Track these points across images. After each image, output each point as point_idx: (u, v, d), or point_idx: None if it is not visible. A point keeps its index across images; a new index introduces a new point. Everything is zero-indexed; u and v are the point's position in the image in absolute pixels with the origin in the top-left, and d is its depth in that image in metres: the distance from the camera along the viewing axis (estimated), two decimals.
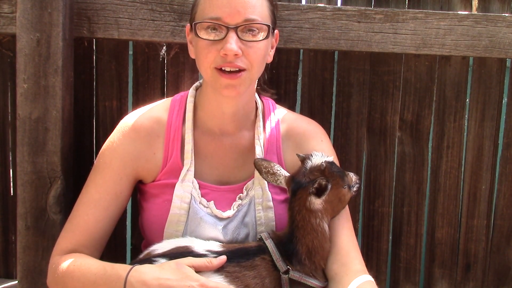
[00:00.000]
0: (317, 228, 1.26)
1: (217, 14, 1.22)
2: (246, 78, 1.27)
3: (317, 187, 1.22)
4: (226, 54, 1.22)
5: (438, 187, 1.78)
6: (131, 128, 1.35)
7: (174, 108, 1.39)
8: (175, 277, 1.14)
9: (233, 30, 1.22)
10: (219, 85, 1.26)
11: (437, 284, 1.83)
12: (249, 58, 1.25)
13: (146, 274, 1.16)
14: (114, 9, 1.58)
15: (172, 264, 1.17)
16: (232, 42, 1.21)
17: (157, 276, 1.15)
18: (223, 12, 1.22)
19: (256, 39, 1.25)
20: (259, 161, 1.33)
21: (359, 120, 1.73)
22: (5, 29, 1.58)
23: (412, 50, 1.64)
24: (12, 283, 1.72)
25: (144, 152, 1.34)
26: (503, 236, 1.81)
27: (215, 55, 1.24)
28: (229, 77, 1.24)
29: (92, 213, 1.31)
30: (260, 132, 1.40)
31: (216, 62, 1.24)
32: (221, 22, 1.22)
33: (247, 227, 1.35)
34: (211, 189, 1.37)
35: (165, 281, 1.13)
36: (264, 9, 1.28)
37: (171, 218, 1.33)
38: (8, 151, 1.73)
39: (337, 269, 1.28)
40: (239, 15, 1.22)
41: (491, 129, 1.75)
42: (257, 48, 1.26)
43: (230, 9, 1.22)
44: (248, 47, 1.24)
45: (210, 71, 1.26)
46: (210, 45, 1.24)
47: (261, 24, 1.25)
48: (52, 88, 1.49)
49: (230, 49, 1.21)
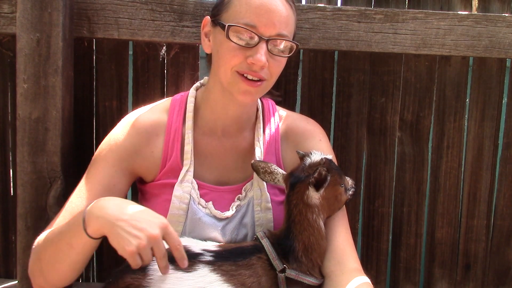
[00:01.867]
0: (313, 224, 1.26)
1: (254, 22, 1.22)
2: (263, 87, 1.29)
3: (317, 176, 1.23)
4: (254, 64, 1.22)
5: (438, 187, 1.78)
6: (131, 125, 1.35)
7: (174, 108, 1.39)
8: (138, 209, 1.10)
9: (265, 41, 1.22)
10: (237, 89, 1.26)
11: (437, 284, 1.83)
12: (271, 70, 1.26)
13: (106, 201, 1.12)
14: (114, 9, 1.58)
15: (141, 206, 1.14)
16: (262, 53, 1.22)
17: (118, 203, 1.12)
18: (260, 21, 1.21)
19: (282, 54, 1.27)
20: (256, 162, 1.34)
21: (359, 120, 1.73)
22: (5, 29, 1.58)
23: (412, 50, 1.64)
24: (12, 283, 1.72)
25: (141, 149, 1.34)
26: (503, 236, 1.81)
27: (241, 60, 1.23)
28: (250, 84, 1.25)
29: (79, 201, 1.28)
30: (260, 134, 1.40)
31: (240, 67, 1.24)
32: (256, 31, 1.22)
33: (246, 228, 1.36)
34: (210, 189, 1.37)
35: (126, 208, 1.09)
36: (293, 26, 1.30)
37: (170, 218, 1.33)
38: (8, 151, 1.73)
39: (332, 267, 1.29)
40: (274, 28, 1.22)
41: (491, 129, 1.75)
42: (280, 62, 1.28)
43: (267, 20, 1.22)
44: (273, 60, 1.25)
45: (231, 73, 1.25)
46: (238, 49, 1.23)
47: (291, 42, 1.27)
48: (52, 88, 1.49)
49: (259, 60, 1.21)
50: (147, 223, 1.06)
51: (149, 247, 1.05)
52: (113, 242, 1.07)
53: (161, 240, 1.06)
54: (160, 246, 1.06)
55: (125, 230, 1.05)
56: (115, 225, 1.06)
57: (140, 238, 1.04)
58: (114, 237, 1.06)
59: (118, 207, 1.09)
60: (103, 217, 1.08)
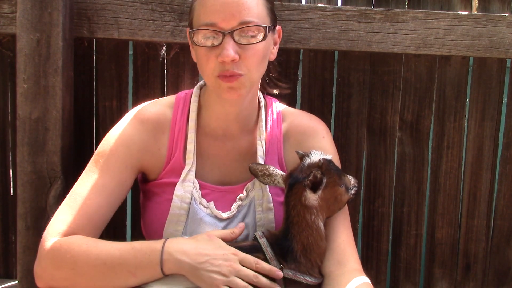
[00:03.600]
0: (312, 225, 1.26)
1: (212, 20, 1.21)
2: (246, 81, 1.26)
3: (312, 179, 1.23)
4: (224, 61, 1.21)
5: (438, 187, 1.78)
6: (138, 120, 1.34)
7: (178, 106, 1.39)
8: (210, 247, 1.19)
9: (229, 35, 1.20)
10: (221, 90, 1.26)
11: (437, 284, 1.83)
12: (246, 61, 1.23)
13: (183, 243, 1.19)
14: (114, 9, 1.58)
15: (205, 236, 1.22)
16: (228, 48, 1.20)
17: (194, 245, 1.19)
18: (218, 17, 1.20)
19: (253, 41, 1.23)
20: (254, 165, 1.33)
21: (359, 120, 1.73)
22: (5, 29, 1.58)
23: (412, 50, 1.64)
24: (12, 283, 1.72)
25: (150, 146, 1.34)
26: (503, 236, 1.81)
27: (214, 62, 1.23)
28: (228, 80, 1.24)
29: (94, 198, 1.26)
30: (262, 133, 1.40)
31: (217, 70, 1.23)
32: (216, 28, 1.21)
33: (247, 228, 1.35)
34: (212, 189, 1.37)
35: (202, 250, 1.18)
36: (260, 9, 1.25)
37: (171, 217, 1.33)
38: (8, 151, 1.73)
39: (332, 266, 1.29)
40: (234, 18, 1.20)
41: (491, 129, 1.75)
42: (256, 50, 1.24)
43: (224, 13, 1.20)
44: (245, 50, 1.22)
45: (213, 78, 1.25)
46: (209, 51, 1.23)
47: (257, 25, 1.23)
48: (52, 88, 1.49)
49: (227, 55, 1.19)
50: (222, 258, 1.18)
51: (232, 277, 1.16)
52: (200, 283, 1.17)
53: (239, 266, 1.18)
54: (242, 272, 1.17)
55: (207, 270, 1.16)
56: (198, 269, 1.16)
57: (222, 273, 1.16)
58: (199, 279, 1.17)
59: (196, 250, 1.18)
60: (185, 262, 1.17)
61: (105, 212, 1.28)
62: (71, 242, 1.20)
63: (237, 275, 1.16)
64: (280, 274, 1.20)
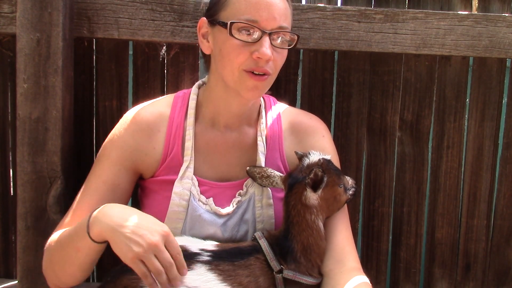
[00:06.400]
0: (312, 225, 1.26)
1: (255, 17, 1.22)
2: (269, 82, 1.30)
3: (313, 177, 1.23)
4: (260, 58, 1.23)
5: (438, 187, 1.78)
6: (132, 121, 1.35)
7: (177, 104, 1.39)
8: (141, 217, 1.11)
9: (268, 35, 1.23)
10: (245, 87, 1.27)
11: (437, 284, 1.83)
12: (275, 63, 1.28)
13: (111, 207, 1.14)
14: (114, 9, 1.58)
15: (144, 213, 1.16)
16: (267, 46, 1.23)
17: (122, 210, 1.13)
18: (261, 16, 1.22)
19: (285, 46, 1.29)
20: (251, 168, 1.34)
21: (359, 120, 1.73)
22: (5, 29, 1.58)
23: (412, 50, 1.64)
24: (12, 283, 1.72)
25: (144, 146, 1.34)
26: (503, 236, 1.81)
27: (246, 56, 1.24)
28: (257, 79, 1.26)
29: (87, 201, 1.29)
30: (263, 129, 1.40)
31: (246, 64, 1.24)
32: (258, 25, 1.23)
33: (247, 224, 1.35)
34: (211, 186, 1.37)
35: (129, 216, 1.10)
36: (291, 18, 1.31)
37: (170, 215, 1.33)
38: (8, 151, 1.73)
39: (331, 265, 1.29)
40: (275, 21, 1.24)
41: (491, 129, 1.75)
42: (283, 54, 1.30)
43: (268, 14, 1.23)
44: (276, 53, 1.27)
45: (238, 72, 1.26)
46: (243, 46, 1.24)
47: (291, 33, 1.28)
48: (52, 88, 1.49)
49: (265, 53, 1.22)
50: (148, 230, 1.07)
51: (150, 254, 1.05)
52: (115, 249, 1.08)
53: (162, 247, 1.07)
54: (163, 254, 1.07)
55: (126, 237, 1.06)
56: (116, 231, 1.07)
57: (140, 244, 1.05)
58: (116, 244, 1.08)
59: (121, 214, 1.11)
60: (105, 223, 1.10)
61: None
62: (52, 238, 1.26)
63: (155, 254, 1.06)
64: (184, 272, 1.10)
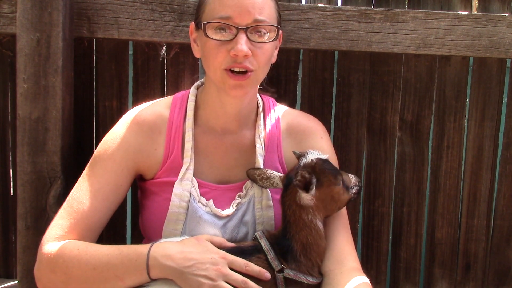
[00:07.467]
0: (310, 224, 1.26)
1: (228, 14, 1.22)
2: (253, 79, 1.28)
3: (299, 179, 1.23)
4: (237, 55, 1.22)
5: (438, 187, 1.78)
6: (134, 122, 1.35)
7: (175, 105, 1.39)
8: (197, 250, 1.19)
9: (243, 30, 1.22)
10: (227, 86, 1.26)
11: (437, 284, 1.83)
12: (257, 59, 1.26)
13: (169, 248, 1.19)
14: (114, 9, 1.58)
15: (193, 240, 1.22)
16: (242, 43, 1.21)
17: (180, 249, 1.18)
18: (234, 12, 1.22)
19: (264, 40, 1.26)
20: (251, 171, 1.34)
21: (359, 120, 1.73)
22: (5, 29, 1.58)
23: (412, 50, 1.64)
24: (12, 283, 1.72)
25: (146, 147, 1.34)
26: (503, 236, 1.81)
27: (224, 55, 1.24)
28: (237, 78, 1.25)
29: (90, 202, 1.28)
30: (261, 131, 1.40)
31: (225, 63, 1.24)
32: (231, 22, 1.22)
33: (247, 226, 1.36)
34: (211, 188, 1.37)
35: (188, 254, 1.17)
36: (271, 10, 1.28)
37: (170, 216, 1.33)
38: (8, 151, 1.73)
39: (331, 265, 1.29)
40: (249, 15, 1.22)
41: (491, 129, 1.75)
42: (265, 49, 1.27)
43: (240, 9, 1.22)
44: (256, 48, 1.25)
45: (220, 72, 1.26)
46: (220, 45, 1.24)
47: (270, 25, 1.26)
48: (52, 88, 1.49)
49: (241, 49, 1.21)
50: (209, 262, 1.17)
51: (220, 280, 1.15)
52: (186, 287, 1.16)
53: (227, 271, 1.17)
54: (231, 276, 1.17)
55: (194, 274, 1.15)
56: (183, 273, 1.16)
57: (208, 277, 1.15)
58: (187, 284, 1.16)
59: (181, 254, 1.18)
60: (170, 267, 1.16)
61: (101, 215, 1.30)
62: (64, 247, 1.22)
63: (225, 280, 1.16)
64: (268, 276, 1.21)
